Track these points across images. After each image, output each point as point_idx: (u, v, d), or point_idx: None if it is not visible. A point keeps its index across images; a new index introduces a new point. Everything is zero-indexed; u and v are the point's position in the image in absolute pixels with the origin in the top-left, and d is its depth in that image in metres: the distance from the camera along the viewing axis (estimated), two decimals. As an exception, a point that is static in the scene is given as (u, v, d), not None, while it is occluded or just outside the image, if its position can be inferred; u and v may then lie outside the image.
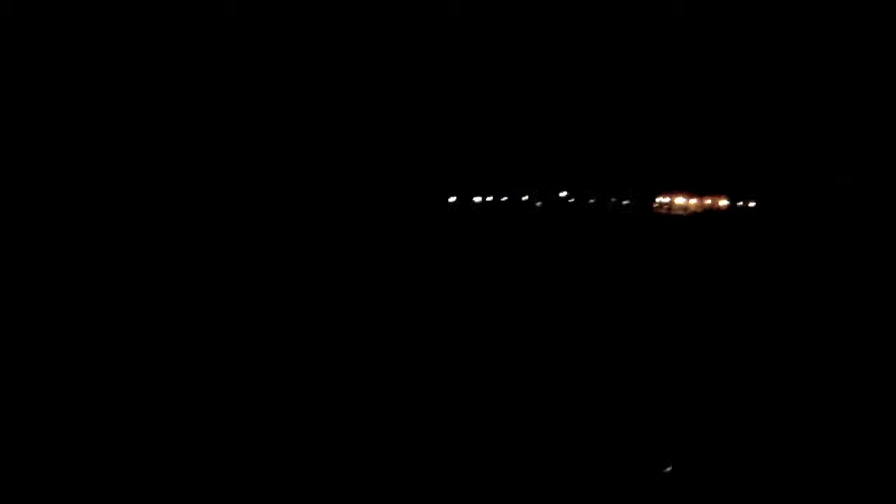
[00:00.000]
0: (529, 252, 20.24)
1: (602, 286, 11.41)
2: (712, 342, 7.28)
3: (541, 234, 29.77)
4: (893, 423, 4.09)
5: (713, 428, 4.25)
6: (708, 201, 67.52)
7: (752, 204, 61.69)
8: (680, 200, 66.79)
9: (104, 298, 6.69)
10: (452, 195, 50.97)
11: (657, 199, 66.07)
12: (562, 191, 64.79)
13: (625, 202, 66.39)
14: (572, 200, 65.97)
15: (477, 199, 55.67)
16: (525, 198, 61.39)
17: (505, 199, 59.02)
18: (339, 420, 4.41)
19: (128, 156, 26.26)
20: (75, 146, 25.26)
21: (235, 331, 7.08)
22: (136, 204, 15.93)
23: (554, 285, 11.57)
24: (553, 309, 9.43)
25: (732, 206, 65.51)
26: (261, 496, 3.14)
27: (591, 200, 65.47)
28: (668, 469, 3.75)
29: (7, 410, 4.07)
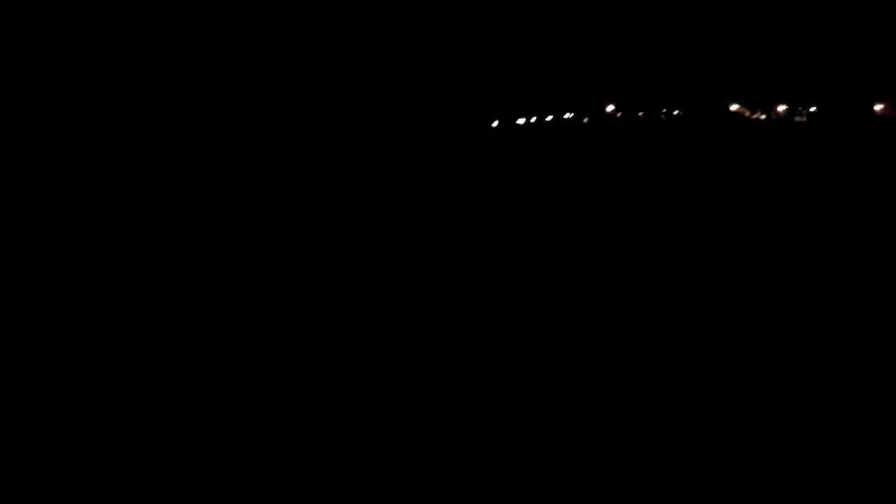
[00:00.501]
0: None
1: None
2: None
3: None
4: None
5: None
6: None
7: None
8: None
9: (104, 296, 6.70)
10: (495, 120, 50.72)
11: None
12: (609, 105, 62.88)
13: (675, 112, 63.73)
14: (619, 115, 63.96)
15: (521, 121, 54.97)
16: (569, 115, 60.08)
17: (549, 118, 57.94)
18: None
19: (127, 154, 25.26)
20: (75, 145, 24.58)
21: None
22: (136, 199, 15.90)
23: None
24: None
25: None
26: (261, 496, 3.09)
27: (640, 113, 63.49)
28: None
29: (7, 411, 4.03)
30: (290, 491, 3.08)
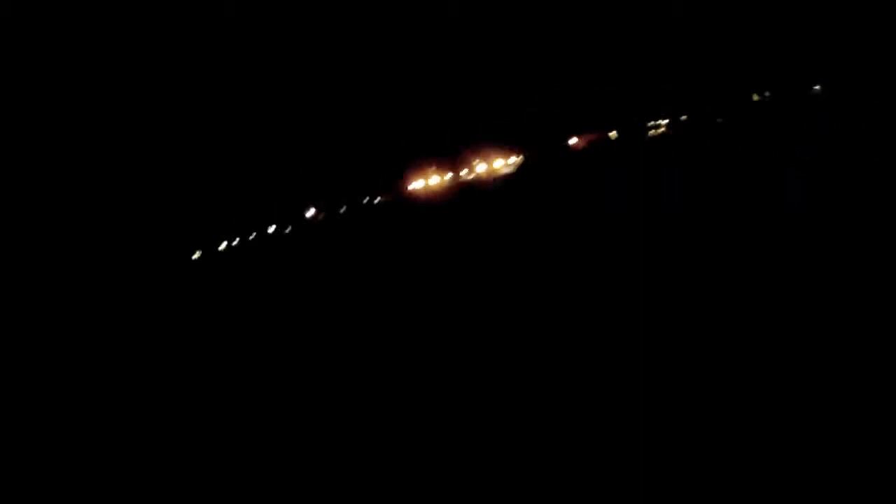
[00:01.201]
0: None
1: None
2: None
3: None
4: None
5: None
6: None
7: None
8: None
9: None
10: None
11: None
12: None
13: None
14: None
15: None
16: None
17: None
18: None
19: (127, 155, 27.29)
20: (75, 146, 26.01)
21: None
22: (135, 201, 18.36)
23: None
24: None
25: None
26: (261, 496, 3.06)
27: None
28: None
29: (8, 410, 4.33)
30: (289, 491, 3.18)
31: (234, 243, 42.01)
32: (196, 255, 36.32)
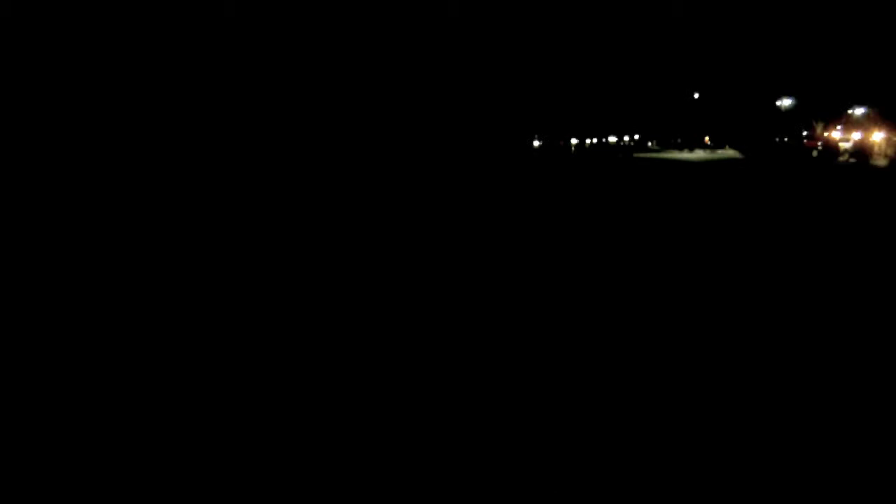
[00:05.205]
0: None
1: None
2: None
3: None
4: None
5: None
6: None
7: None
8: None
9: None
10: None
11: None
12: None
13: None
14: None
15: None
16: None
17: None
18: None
19: (127, 154, 25.80)
20: (75, 145, 24.89)
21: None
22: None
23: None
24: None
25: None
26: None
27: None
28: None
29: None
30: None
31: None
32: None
